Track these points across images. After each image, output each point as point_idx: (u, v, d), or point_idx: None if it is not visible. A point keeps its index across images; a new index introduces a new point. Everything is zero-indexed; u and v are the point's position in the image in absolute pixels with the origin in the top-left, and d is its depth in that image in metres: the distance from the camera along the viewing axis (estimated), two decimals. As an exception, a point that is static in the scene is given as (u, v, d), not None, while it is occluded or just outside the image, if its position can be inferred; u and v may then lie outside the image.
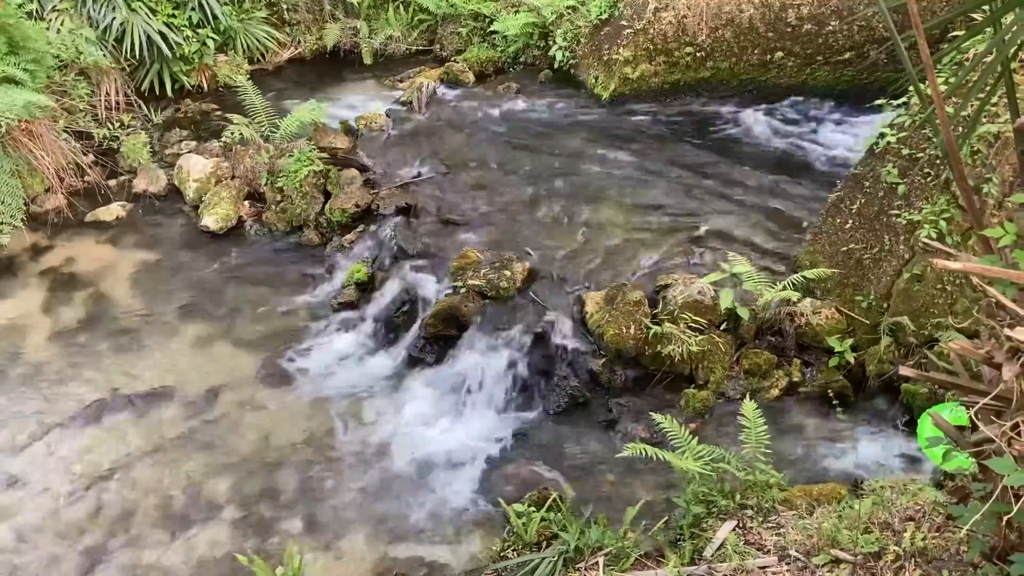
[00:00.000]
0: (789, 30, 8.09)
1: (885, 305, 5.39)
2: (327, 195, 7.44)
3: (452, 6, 10.06)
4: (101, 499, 5.16)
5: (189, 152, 8.18)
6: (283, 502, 5.09)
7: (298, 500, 5.10)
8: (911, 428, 5.00)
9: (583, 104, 8.57)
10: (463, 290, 6.04)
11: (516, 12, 9.41)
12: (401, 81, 9.66)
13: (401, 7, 10.51)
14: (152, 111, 8.96)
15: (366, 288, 6.61)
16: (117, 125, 8.53)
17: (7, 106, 6.64)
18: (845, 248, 5.66)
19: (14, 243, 7.16)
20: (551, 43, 9.15)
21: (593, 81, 8.66)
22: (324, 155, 7.55)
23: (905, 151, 5.40)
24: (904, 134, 5.45)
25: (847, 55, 8.04)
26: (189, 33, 9.19)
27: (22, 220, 7.10)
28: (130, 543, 4.88)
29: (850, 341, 5.40)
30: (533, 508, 4.51)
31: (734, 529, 4.00)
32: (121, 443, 5.53)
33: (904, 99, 5.59)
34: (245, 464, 5.35)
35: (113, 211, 7.69)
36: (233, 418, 5.68)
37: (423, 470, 5.30)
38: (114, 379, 6.01)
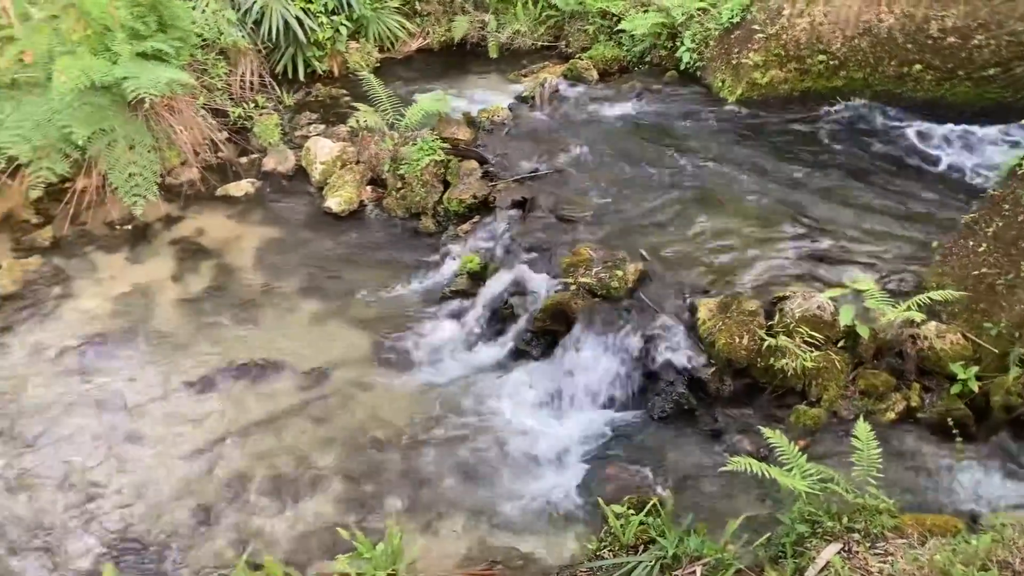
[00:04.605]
0: (930, 42, 7.77)
1: (1017, 334, 5.12)
2: (446, 184, 7.56)
3: (581, 3, 10.06)
4: (215, 462, 5.39)
5: (317, 135, 8.45)
6: (386, 481, 5.21)
7: (400, 480, 5.21)
8: (1038, 465, 4.75)
9: (708, 107, 8.44)
10: (573, 287, 6.04)
11: (645, 11, 9.33)
12: (524, 76, 9.72)
13: (530, 2, 10.57)
14: (284, 93, 9.28)
15: (478, 278, 6.68)
16: (252, 105, 8.87)
17: (152, 83, 6.97)
18: (977, 272, 5.41)
19: (150, 212, 7.54)
20: (679, 44, 9.05)
21: (720, 84, 8.53)
22: (446, 145, 7.67)
23: (1051, 175, 5.13)
24: (1051, 157, 5.18)
25: (991, 71, 7.65)
26: (324, 19, 9.48)
27: (156, 192, 7.46)
28: (239, 507, 5.09)
29: (975, 369, 5.15)
30: (632, 511, 4.48)
31: (839, 552, 3.89)
32: (236, 410, 5.76)
33: (1053, 120, 5.31)
34: (352, 441, 5.50)
35: (243, 187, 8.02)
36: (343, 395, 5.85)
37: (523, 462, 5.34)
38: (233, 348, 6.27)
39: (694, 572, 3.95)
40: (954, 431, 4.87)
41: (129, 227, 7.52)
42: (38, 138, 6.85)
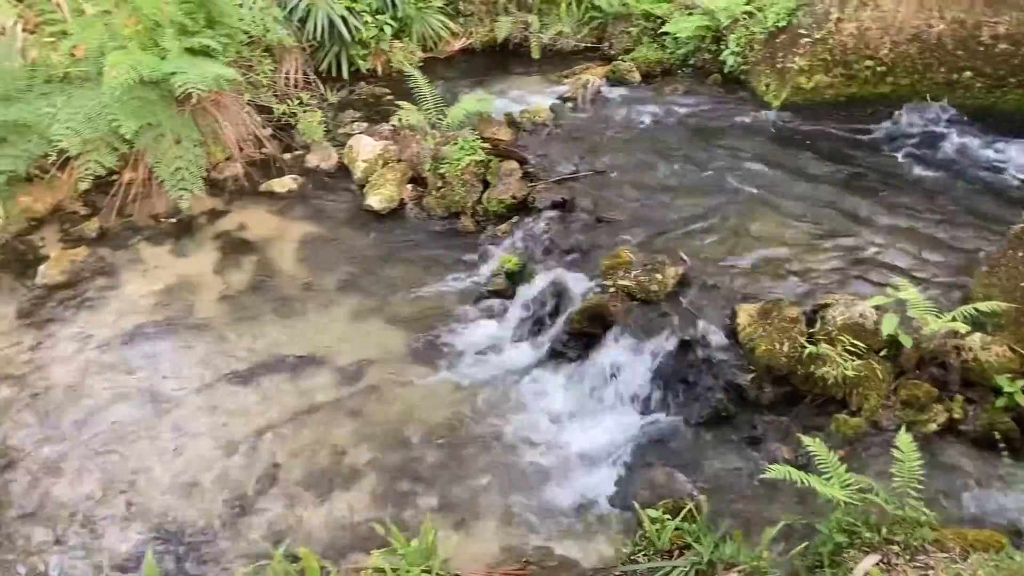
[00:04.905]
0: (981, 49, 7.65)
1: (1066, 348, 5.03)
2: (485, 184, 7.57)
3: (624, 5, 10.05)
4: (253, 454, 5.45)
5: (360, 133, 8.50)
6: (420, 478, 5.24)
7: (435, 478, 5.23)
8: (1086, 482, 4.64)
9: (751, 111, 8.37)
10: (612, 289, 6.02)
11: (689, 14, 9.29)
12: (566, 77, 9.70)
13: (574, 4, 10.57)
14: (328, 91, 9.37)
15: (516, 279, 6.68)
16: (296, 102, 8.96)
17: (200, 78, 7.07)
18: (1025, 283, 5.31)
19: (194, 206, 7.64)
20: (723, 48, 8.99)
21: (764, 89, 8.45)
22: (486, 145, 7.68)
23: (1105, 186, 5.02)
24: (1106, 167, 5.07)
25: (1045, 78, 7.53)
26: (368, 19, 9.55)
27: (202, 186, 7.57)
28: (276, 498, 5.14)
29: (1021, 383, 5.06)
30: (667, 516, 4.45)
31: (877, 563, 3.84)
32: (275, 403, 5.82)
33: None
34: (388, 437, 5.53)
35: (285, 183, 8.09)
36: (380, 391, 5.88)
37: (557, 463, 5.34)
38: (273, 342, 6.33)
39: (729, 579, 3.92)
40: (1000, 445, 4.78)
41: (174, 220, 7.64)
42: (88, 131, 6.98)
